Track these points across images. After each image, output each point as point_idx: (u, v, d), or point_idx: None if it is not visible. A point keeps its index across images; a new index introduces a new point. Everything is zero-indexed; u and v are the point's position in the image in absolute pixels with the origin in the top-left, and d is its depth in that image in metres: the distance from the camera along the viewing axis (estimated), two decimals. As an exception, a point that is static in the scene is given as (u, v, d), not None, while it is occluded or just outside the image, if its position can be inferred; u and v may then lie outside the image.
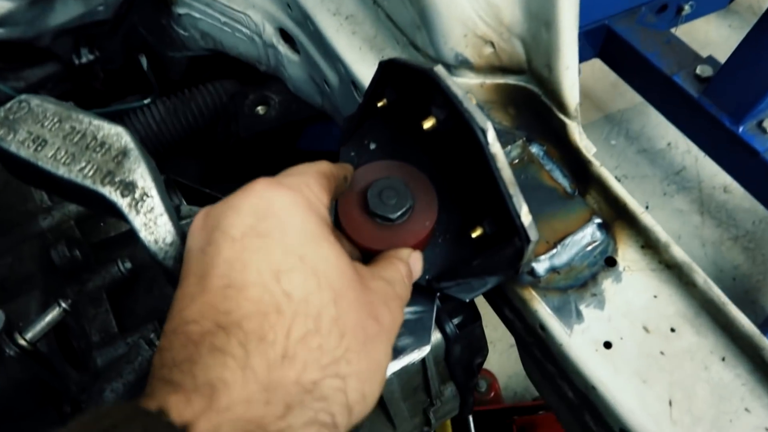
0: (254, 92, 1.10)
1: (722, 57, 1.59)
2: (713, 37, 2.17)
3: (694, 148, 1.80)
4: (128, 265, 0.75)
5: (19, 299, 0.64)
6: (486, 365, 1.72)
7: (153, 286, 0.79)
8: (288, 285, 0.38)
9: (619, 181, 0.59)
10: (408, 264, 0.51)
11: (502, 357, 1.77)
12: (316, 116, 1.07)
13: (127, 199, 0.42)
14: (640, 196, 1.98)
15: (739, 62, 1.54)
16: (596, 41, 1.88)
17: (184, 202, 0.93)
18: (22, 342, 0.50)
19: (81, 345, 0.70)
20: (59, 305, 0.53)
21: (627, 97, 2.17)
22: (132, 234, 0.45)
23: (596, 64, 1.95)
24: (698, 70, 1.68)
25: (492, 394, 1.57)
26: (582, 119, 0.61)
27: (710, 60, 1.70)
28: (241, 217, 0.40)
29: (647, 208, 1.98)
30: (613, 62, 1.91)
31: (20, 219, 0.77)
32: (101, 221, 0.82)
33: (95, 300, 0.74)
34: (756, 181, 1.64)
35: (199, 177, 1.30)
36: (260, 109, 1.08)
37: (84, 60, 1.24)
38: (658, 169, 2.08)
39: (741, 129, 1.60)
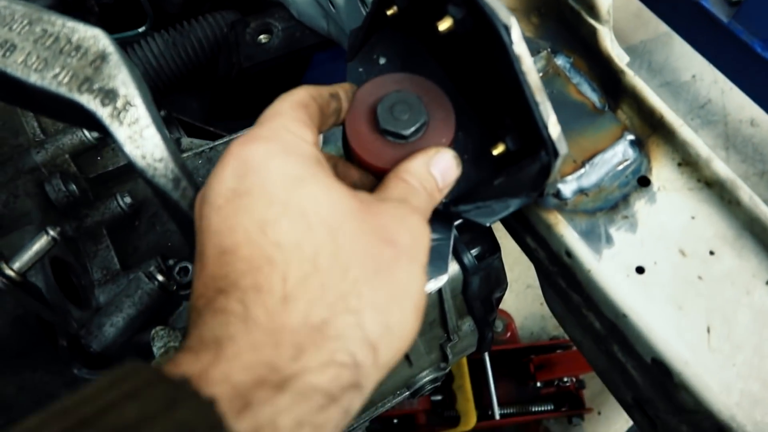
0: (256, 20, 1.03)
1: (756, -24, 1.48)
2: (744, -41, 2.03)
3: (721, 79, 1.71)
4: (128, 200, 0.72)
5: (12, 234, 0.61)
6: (503, 306, 1.71)
7: (155, 222, 0.76)
8: (275, 235, 0.37)
9: None
10: (427, 168, 0.47)
11: (519, 298, 1.75)
12: (323, 43, 1.01)
13: (108, 109, 0.37)
14: (662, 131, 1.91)
15: (775, -19, 1.44)
16: (619, -35, 1.76)
17: (185, 135, 0.89)
18: (9, 272, 0.47)
19: (83, 282, 0.68)
20: (47, 233, 0.49)
21: (650, 26, 2.05)
22: (132, 168, 0.41)
23: (618, -9, 1.85)
24: (729, -8, 1.58)
25: (508, 334, 1.55)
26: None
27: (743, -19, 1.59)
28: (223, 184, 0.39)
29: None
30: (636, -12, 1.80)
31: (12, 153, 0.74)
32: (98, 155, 0.78)
33: (95, 236, 0.70)
34: (787, 111, 1.56)
35: (202, 115, 1.25)
36: (263, 37, 1.01)
37: (77, -8, 1.18)
38: (681, 102, 1.99)
39: (774, 55, 1.51)
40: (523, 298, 1.71)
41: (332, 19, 0.86)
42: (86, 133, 0.74)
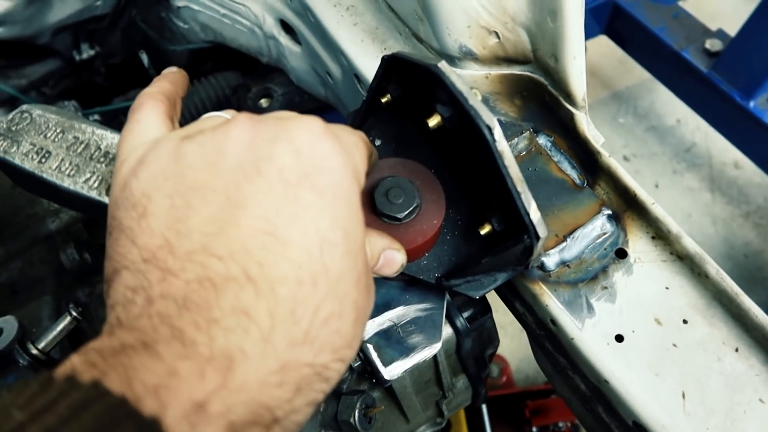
0: (257, 85, 1.09)
1: (733, 29, 1.56)
2: (723, 9, 2.13)
3: (704, 125, 1.78)
4: (137, 265, 0.75)
5: (31, 305, 0.64)
6: (497, 350, 1.73)
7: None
8: (329, 258, 0.35)
9: (627, 160, 0.59)
10: (381, 249, 0.49)
11: (513, 341, 1.78)
12: (321, 108, 1.06)
13: (133, 211, 0.42)
14: (650, 174, 1.97)
15: (750, 35, 1.52)
16: (602, 17, 1.85)
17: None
18: (35, 352, 0.50)
19: (94, 347, 0.71)
20: (70, 314, 0.53)
21: (635, 73, 2.14)
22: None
23: (603, 41, 1.93)
24: (707, 45, 1.65)
25: (504, 378, 1.57)
26: (589, 97, 0.59)
27: (720, 33, 1.67)
28: (298, 159, 0.37)
29: (657, 186, 1.96)
30: (619, 38, 1.88)
31: (28, 222, 0.78)
32: (109, 222, 0.82)
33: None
34: (767, 156, 1.63)
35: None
36: (263, 101, 1.07)
37: (85, 56, 1.24)
38: (667, 146, 2.06)
39: (752, 104, 1.58)
40: (518, 341, 1.73)
41: (329, 88, 0.92)
42: (99, 202, 0.78)
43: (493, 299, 0.73)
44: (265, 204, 0.35)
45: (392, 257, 0.50)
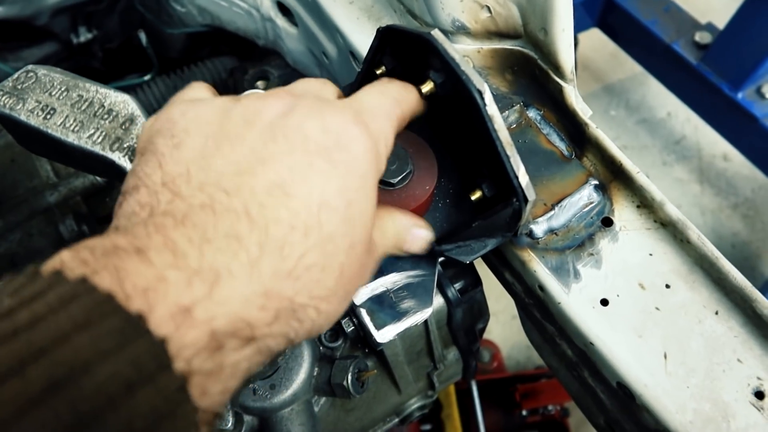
0: (253, 67, 1.10)
1: (722, 23, 1.59)
2: (713, 4, 2.15)
3: (694, 117, 1.81)
4: (135, 238, 0.77)
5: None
6: (489, 336, 1.75)
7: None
8: (325, 218, 0.39)
9: None
10: (407, 232, 0.52)
11: (505, 328, 1.80)
12: (316, 90, 1.07)
13: (135, 165, 0.43)
14: (640, 166, 1.97)
15: (738, 28, 1.54)
16: (594, 10, 1.87)
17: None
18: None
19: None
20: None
21: (627, 66, 2.16)
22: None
23: (595, 34, 1.95)
24: (697, 37, 1.68)
25: (495, 364, 1.59)
26: (581, 90, 0.62)
27: (709, 27, 1.69)
28: (324, 135, 0.41)
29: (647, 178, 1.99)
30: (611, 32, 1.90)
31: (27, 195, 0.79)
32: (107, 196, 0.83)
33: (104, 272, 0.75)
34: (755, 148, 1.65)
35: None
36: (260, 83, 1.08)
37: (82, 39, 1.24)
38: (657, 138, 2.08)
39: (740, 95, 1.60)
40: (509, 328, 1.76)
41: (325, 68, 0.93)
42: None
43: (487, 285, 0.75)
44: (283, 162, 0.39)
45: (418, 234, 0.53)
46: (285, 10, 0.95)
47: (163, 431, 0.29)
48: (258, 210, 0.36)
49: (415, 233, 0.53)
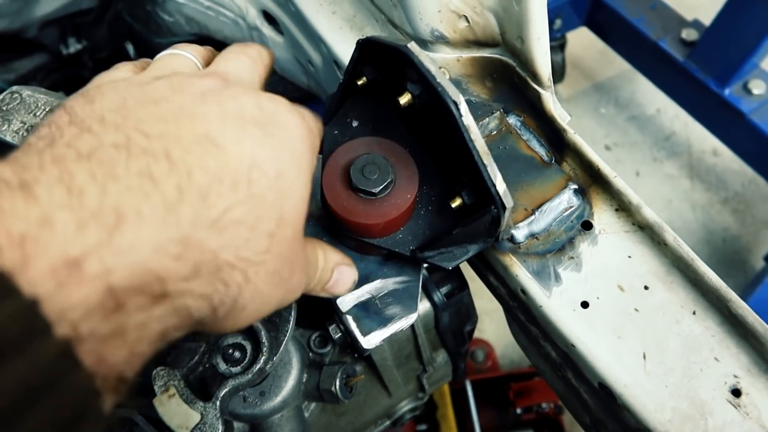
0: (241, 75, 1.11)
1: (708, 20, 1.60)
2: (700, 0, 2.16)
3: (683, 113, 1.82)
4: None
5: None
6: (483, 335, 1.77)
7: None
8: (255, 178, 0.35)
9: (609, 149, 0.62)
10: (334, 265, 0.54)
11: (499, 327, 1.81)
12: (304, 97, 1.08)
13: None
14: (631, 163, 2.01)
15: (724, 25, 1.56)
16: (582, 9, 1.89)
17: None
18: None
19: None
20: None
21: (616, 64, 2.18)
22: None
23: (584, 33, 1.96)
24: (684, 34, 1.69)
25: (489, 363, 1.61)
26: (571, 88, 0.63)
27: (695, 24, 1.71)
28: (260, 111, 0.38)
29: (638, 174, 2.00)
30: (599, 30, 1.92)
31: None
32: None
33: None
34: (743, 143, 1.67)
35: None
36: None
37: (72, 50, 1.25)
38: (647, 135, 2.10)
39: (727, 91, 1.62)
40: (502, 327, 1.77)
41: (311, 76, 0.95)
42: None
43: (478, 287, 0.76)
44: (214, 122, 0.35)
45: (344, 273, 0.54)
46: (271, 20, 0.96)
47: (47, 405, 0.25)
48: (181, 155, 0.32)
49: (342, 270, 0.54)
